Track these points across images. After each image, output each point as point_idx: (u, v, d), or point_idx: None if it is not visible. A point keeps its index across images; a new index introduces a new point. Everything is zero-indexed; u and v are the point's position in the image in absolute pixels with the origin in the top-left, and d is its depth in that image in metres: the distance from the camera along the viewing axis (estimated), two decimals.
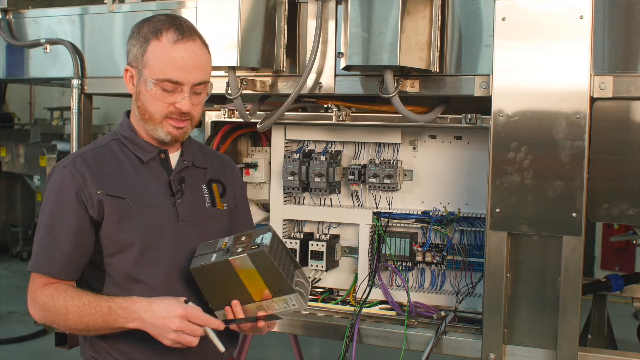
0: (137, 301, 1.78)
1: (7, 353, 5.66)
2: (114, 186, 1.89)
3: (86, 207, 1.86)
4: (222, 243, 1.87)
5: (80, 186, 1.86)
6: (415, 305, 2.59)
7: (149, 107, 1.89)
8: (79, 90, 2.92)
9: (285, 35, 2.51)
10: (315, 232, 2.84)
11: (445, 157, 2.66)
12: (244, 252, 1.80)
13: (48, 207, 1.89)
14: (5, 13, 3.08)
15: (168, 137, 1.91)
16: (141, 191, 1.91)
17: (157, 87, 1.85)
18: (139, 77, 1.89)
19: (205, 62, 1.91)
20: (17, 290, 7.59)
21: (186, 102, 1.87)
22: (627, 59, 2.13)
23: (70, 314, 1.80)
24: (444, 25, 2.31)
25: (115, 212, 1.86)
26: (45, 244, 1.87)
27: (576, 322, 2.19)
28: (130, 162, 1.95)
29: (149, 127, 1.92)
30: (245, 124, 2.75)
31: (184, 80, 1.85)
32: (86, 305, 1.79)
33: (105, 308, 1.78)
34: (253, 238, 1.85)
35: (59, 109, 9.92)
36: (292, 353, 3.73)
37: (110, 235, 1.87)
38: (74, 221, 1.85)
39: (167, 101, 1.87)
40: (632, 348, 3.70)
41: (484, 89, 2.28)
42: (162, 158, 1.97)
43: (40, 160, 7.20)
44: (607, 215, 2.23)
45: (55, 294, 1.83)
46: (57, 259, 1.85)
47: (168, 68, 1.84)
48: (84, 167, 1.89)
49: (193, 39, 1.88)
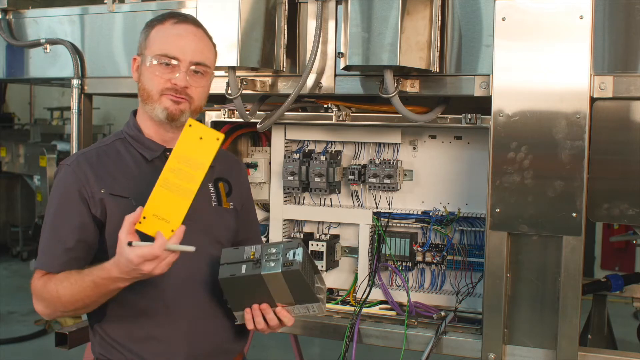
0: (109, 269, 1.75)
1: (7, 353, 5.66)
2: (117, 185, 1.90)
3: (89, 205, 1.87)
4: (250, 253, 1.86)
5: (82, 185, 1.87)
6: (415, 305, 2.59)
7: (147, 84, 1.92)
8: (79, 90, 2.92)
9: (285, 35, 2.51)
10: (315, 232, 2.84)
11: (445, 157, 2.66)
12: (277, 268, 1.80)
13: (52, 204, 1.91)
14: (5, 13, 3.08)
15: (164, 112, 1.91)
16: (145, 190, 1.90)
17: (156, 64, 1.89)
18: (142, 60, 1.93)
19: (205, 46, 1.96)
20: (17, 290, 7.60)
21: (182, 78, 1.89)
22: (627, 59, 2.13)
23: (62, 297, 1.82)
24: (444, 25, 2.31)
25: (118, 211, 1.86)
26: (49, 242, 1.89)
27: (576, 322, 2.19)
28: (134, 161, 1.96)
29: (148, 107, 1.93)
30: (245, 124, 2.75)
31: (181, 56, 1.89)
32: (74, 284, 1.80)
33: (90, 282, 1.78)
34: (284, 252, 1.83)
35: (59, 109, 9.93)
36: (292, 353, 3.74)
37: (114, 233, 1.85)
38: (76, 219, 1.87)
39: (165, 77, 1.89)
40: (632, 348, 3.71)
41: (484, 89, 2.28)
42: (167, 156, 1.97)
43: (40, 160, 7.20)
44: (607, 215, 2.23)
45: (46, 283, 1.85)
46: (59, 256, 1.87)
47: (166, 44, 1.90)
48: (86, 166, 1.90)
49: (195, 25, 1.95)
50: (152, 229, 1.74)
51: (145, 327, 1.90)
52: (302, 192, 2.74)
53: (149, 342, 1.90)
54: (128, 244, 1.69)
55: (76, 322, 2.77)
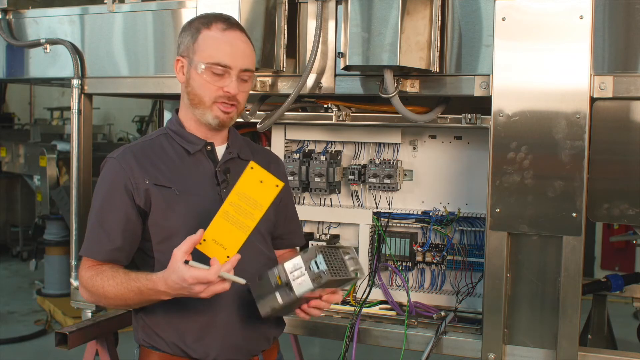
0: (156, 282, 1.83)
1: (7, 353, 5.66)
2: (161, 176, 1.97)
3: (133, 196, 1.94)
4: (276, 277, 1.86)
5: (127, 176, 1.95)
6: (415, 305, 2.59)
7: (199, 90, 1.97)
8: (79, 90, 2.91)
9: (285, 35, 2.51)
10: (315, 232, 2.84)
11: (445, 157, 2.66)
12: (308, 284, 1.81)
13: (99, 195, 2.00)
14: (5, 13, 3.08)
15: (216, 120, 1.99)
16: (187, 181, 1.99)
17: (207, 71, 1.95)
18: (190, 64, 1.98)
19: (250, 52, 2.02)
20: (17, 290, 7.60)
21: (234, 86, 1.95)
22: (627, 59, 2.13)
23: (108, 294, 1.91)
24: (444, 25, 2.31)
25: (162, 200, 1.94)
26: (94, 231, 1.98)
27: (576, 322, 2.19)
28: (177, 154, 2.03)
29: (198, 111, 2.00)
30: (245, 124, 2.75)
31: (232, 64, 1.95)
32: (119, 285, 1.89)
33: (135, 288, 1.87)
34: (307, 265, 1.83)
35: (59, 109, 9.94)
36: (292, 353, 3.74)
37: (158, 222, 1.95)
38: (121, 210, 1.94)
39: (217, 85, 1.95)
40: (632, 348, 3.70)
41: (484, 89, 2.28)
42: (209, 150, 2.04)
43: (40, 160, 7.19)
44: (607, 215, 2.23)
45: (94, 276, 1.93)
46: (104, 245, 1.95)
47: (218, 53, 1.95)
48: (131, 158, 1.98)
49: (240, 30, 2.01)
50: (210, 252, 1.81)
51: (187, 314, 1.95)
52: (302, 192, 2.74)
53: (190, 328, 1.96)
54: (185, 262, 1.75)
55: (76, 322, 2.77)
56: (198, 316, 1.95)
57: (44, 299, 6.62)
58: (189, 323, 1.96)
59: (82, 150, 2.94)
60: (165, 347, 1.98)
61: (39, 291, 6.87)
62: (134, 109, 9.86)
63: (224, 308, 1.97)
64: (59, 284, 6.63)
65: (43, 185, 7.16)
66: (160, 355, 1.99)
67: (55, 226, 6.89)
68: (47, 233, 6.91)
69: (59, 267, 6.67)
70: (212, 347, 1.97)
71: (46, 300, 6.57)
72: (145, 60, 2.83)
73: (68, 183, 5.68)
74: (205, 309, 1.95)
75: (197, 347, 1.96)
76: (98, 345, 2.75)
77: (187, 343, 1.96)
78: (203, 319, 1.96)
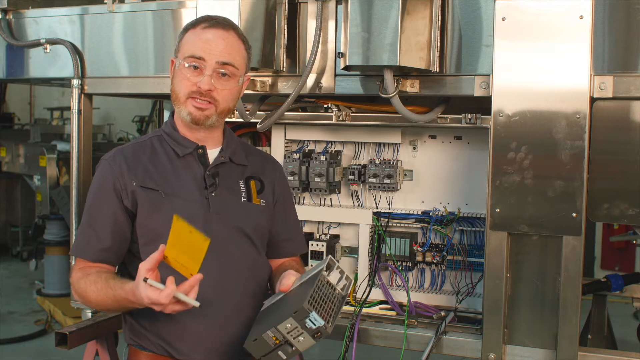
0: (127, 292, 1.82)
1: (7, 353, 5.66)
2: (149, 178, 1.98)
3: (122, 197, 1.96)
4: (272, 338, 1.80)
5: (117, 177, 1.97)
6: (415, 305, 2.59)
7: (176, 86, 1.99)
8: (79, 90, 2.92)
9: (285, 35, 2.51)
10: (315, 232, 2.84)
11: (445, 157, 2.66)
12: (309, 340, 1.79)
13: (90, 196, 2.03)
14: (5, 13, 3.08)
15: (188, 117, 1.98)
16: (174, 183, 2.00)
17: (184, 66, 1.95)
18: (176, 62, 2.00)
19: (233, 48, 1.99)
20: (17, 290, 7.59)
21: (206, 80, 1.94)
22: (627, 59, 2.13)
23: (90, 298, 1.93)
24: (444, 25, 2.31)
25: (148, 202, 1.96)
26: (84, 231, 2.01)
27: (576, 322, 2.19)
28: (167, 156, 2.04)
29: (177, 108, 2.01)
30: (246, 124, 2.75)
31: (206, 55, 1.94)
32: (99, 291, 1.90)
33: (112, 296, 1.88)
34: (302, 324, 1.77)
35: (59, 109, 9.92)
36: None
37: (144, 224, 1.97)
38: (110, 211, 1.97)
39: (192, 80, 1.95)
40: (632, 348, 3.70)
41: (484, 89, 2.28)
42: (200, 153, 2.04)
43: (40, 160, 7.19)
44: (607, 215, 2.23)
45: (80, 279, 1.95)
46: (93, 245, 1.98)
47: (193, 46, 1.96)
48: (122, 160, 2.00)
49: (225, 29, 1.99)
50: (176, 267, 1.78)
51: (173, 315, 1.92)
52: (302, 192, 2.74)
53: (176, 329, 1.96)
54: (144, 279, 1.74)
55: (76, 322, 2.77)
56: (180, 317, 1.91)
57: (44, 299, 6.62)
58: (171, 324, 1.95)
59: (82, 150, 2.95)
60: (152, 347, 1.99)
61: (39, 291, 6.87)
62: (134, 109, 9.85)
63: (212, 309, 1.94)
64: (59, 284, 6.63)
65: (43, 185, 7.16)
66: (147, 355, 2.00)
67: (55, 226, 6.88)
68: (47, 233, 6.90)
69: (59, 267, 6.67)
70: (197, 348, 1.96)
71: (46, 300, 6.56)
72: (145, 60, 2.83)
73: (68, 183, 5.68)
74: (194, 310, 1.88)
75: (180, 346, 1.96)
76: (98, 345, 2.74)
77: (170, 343, 1.97)
78: (185, 320, 1.94)
